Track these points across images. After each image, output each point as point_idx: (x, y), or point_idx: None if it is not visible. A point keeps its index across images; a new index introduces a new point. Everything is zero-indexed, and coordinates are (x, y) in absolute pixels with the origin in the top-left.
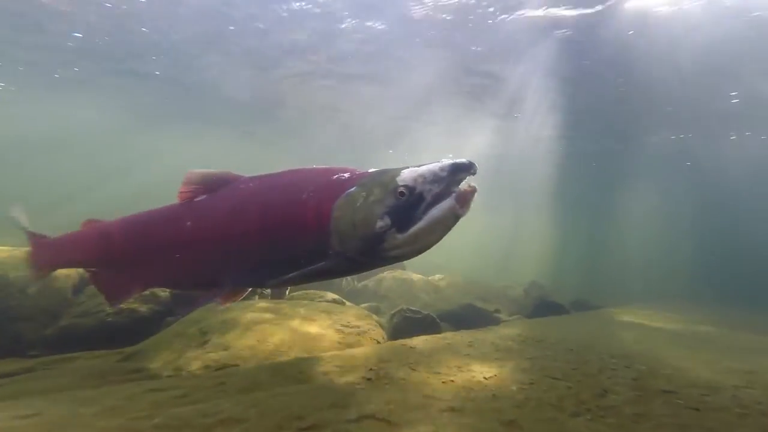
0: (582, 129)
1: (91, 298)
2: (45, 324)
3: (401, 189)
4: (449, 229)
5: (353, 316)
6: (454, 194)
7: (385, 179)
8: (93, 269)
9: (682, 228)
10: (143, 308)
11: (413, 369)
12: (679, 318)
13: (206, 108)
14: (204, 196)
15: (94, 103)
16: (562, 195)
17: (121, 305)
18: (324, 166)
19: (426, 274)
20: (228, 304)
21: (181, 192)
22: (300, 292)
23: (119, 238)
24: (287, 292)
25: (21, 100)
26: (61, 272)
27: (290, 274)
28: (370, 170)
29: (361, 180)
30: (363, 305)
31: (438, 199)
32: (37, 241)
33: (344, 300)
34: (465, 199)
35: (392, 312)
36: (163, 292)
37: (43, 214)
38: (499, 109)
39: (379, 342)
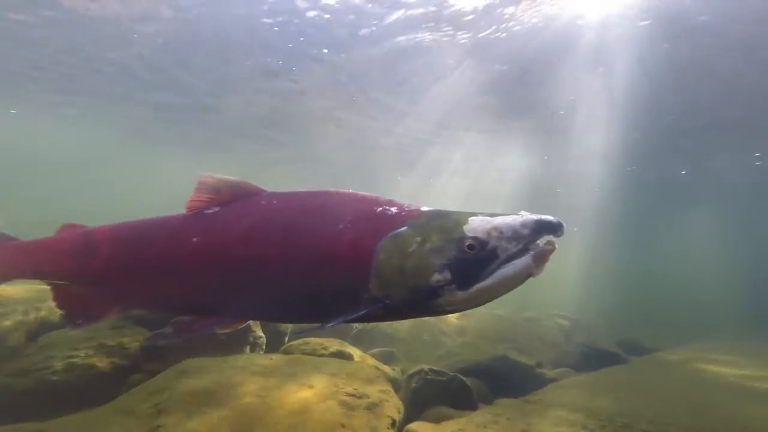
0: (643, 151)
1: (43, 349)
2: None
3: (470, 241)
4: (517, 287)
5: (362, 378)
6: (531, 253)
7: (447, 224)
8: (61, 282)
9: (736, 257)
10: (102, 363)
11: None
12: None
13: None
14: (217, 209)
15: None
16: (598, 218)
17: (81, 328)
18: (363, 193)
19: None
20: (226, 330)
21: (190, 200)
22: (299, 341)
23: (106, 247)
24: (286, 339)
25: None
26: (14, 316)
27: (315, 322)
28: (422, 208)
29: (414, 219)
30: (374, 351)
31: (512, 257)
32: (2, 243)
33: (351, 351)
34: (543, 260)
35: (411, 372)
36: (134, 343)
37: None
38: (537, 124)
39: (395, 421)
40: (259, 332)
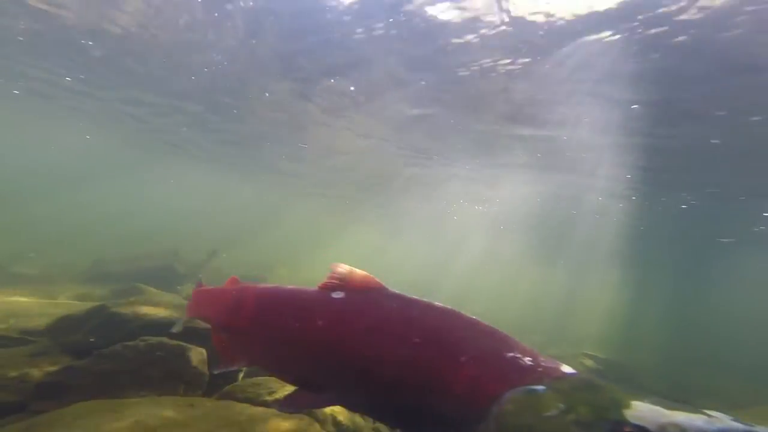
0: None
1: None
2: None
3: (631, 429)
4: None
5: None
6: None
7: (600, 401)
8: (219, 328)
9: None
10: None
11: None
12: None
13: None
14: (341, 295)
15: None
16: (637, 252)
17: (219, 370)
18: (491, 327)
19: None
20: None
21: (323, 284)
22: (250, 381)
23: (249, 308)
24: (240, 376)
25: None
26: None
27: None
28: (563, 368)
29: (555, 381)
30: None
31: None
32: (197, 287)
33: None
34: None
35: None
36: (41, 374)
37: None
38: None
39: None
40: (202, 369)
